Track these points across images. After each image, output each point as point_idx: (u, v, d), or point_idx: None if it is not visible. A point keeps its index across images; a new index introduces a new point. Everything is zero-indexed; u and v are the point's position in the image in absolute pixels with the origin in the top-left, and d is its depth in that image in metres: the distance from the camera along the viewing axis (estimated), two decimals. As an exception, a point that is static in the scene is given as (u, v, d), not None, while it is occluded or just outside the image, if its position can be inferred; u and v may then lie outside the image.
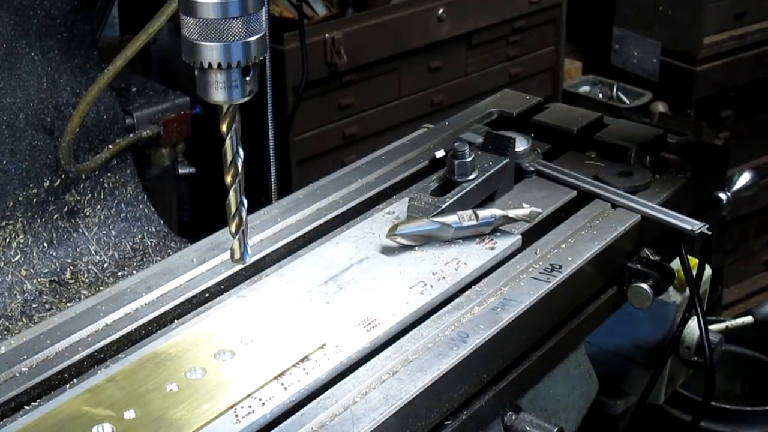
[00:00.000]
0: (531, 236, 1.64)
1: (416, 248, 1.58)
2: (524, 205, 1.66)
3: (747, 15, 4.06)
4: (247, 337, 1.38)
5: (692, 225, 1.67)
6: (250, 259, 1.36)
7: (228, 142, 1.25)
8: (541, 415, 1.53)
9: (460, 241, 1.60)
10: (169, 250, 2.17)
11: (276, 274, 1.55)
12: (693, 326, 1.85)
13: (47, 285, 2.01)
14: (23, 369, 1.35)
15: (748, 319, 2.32)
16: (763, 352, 3.01)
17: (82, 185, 2.12)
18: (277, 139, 2.39)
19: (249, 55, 1.18)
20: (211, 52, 1.17)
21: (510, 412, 1.49)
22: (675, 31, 4.04)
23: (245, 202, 1.29)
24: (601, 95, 4.24)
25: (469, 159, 1.68)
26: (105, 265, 2.09)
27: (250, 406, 1.26)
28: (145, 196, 2.23)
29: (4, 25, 1.96)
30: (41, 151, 2.04)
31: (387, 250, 1.58)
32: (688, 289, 1.77)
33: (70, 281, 2.04)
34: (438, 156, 1.86)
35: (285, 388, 1.29)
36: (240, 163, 1.26)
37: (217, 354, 1.35)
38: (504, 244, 1.59)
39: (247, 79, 1.20)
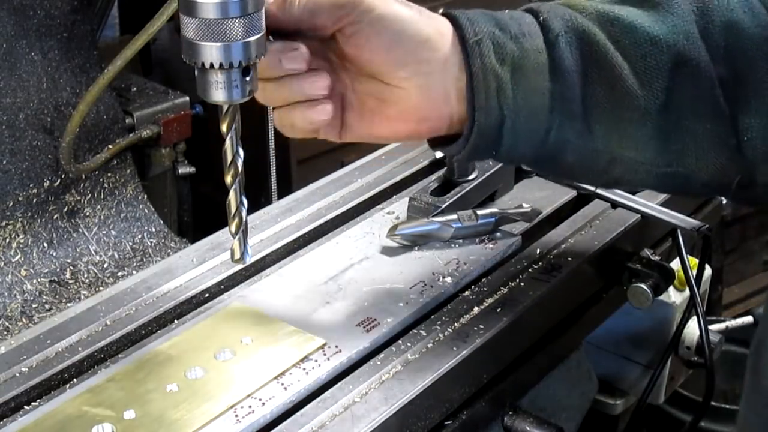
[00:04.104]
0: (531, 236, 1.64)
1: (416, 248, 1.58)
2: (524, 205, 1.66)
3: (747, 15, 4.06)
4: (247, 337, 1.38)
5: (692, 225, 1.67)
6: (250, 259, 1.36)
7: (228, 142, 1.25)
8: (541, 415, 1.53)
9: (460, 241, 1.60)
10: (169, 250, 2.17)
11: (276, 274, 1.55)
12: (693, 326, 1.85)
13: (47, 285, 2.01)
14: (23, 369, 1.35)
15: (748, 319, 2.32)
16: (763, 352, 3.01)
17: (82, 185, 2.12)
18: (277, 139, 2.39)
19: (249, 55, 1.18)
20: (211, 52, 1.17)
21: (510, 412, 1.49)
22: (675, 31, 4.04)
23: (245, 202, 1.29)
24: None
25: (469, 159, 1.68)
26: (105, 265, 2.09)
27: (250, 406, 1.26)
28: (145, 196, 2.23)
29: (4, 25, 1.96)
30: (41, 151, 2.04)
31: (387, 250, 1.58)
32: (688, 289, 1.77)
33: (70, 281, 2.04)
34: (438, 156, 1.86)
35: (285, 388, 1.29)
36: (240, 163, 1.26)
37: (217, 354, 1.35)
38: (504, 244, 1.59)
39: (247, 79, 1.20)
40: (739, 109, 1.27)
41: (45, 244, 2.05)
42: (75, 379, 1.35)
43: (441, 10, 1.30)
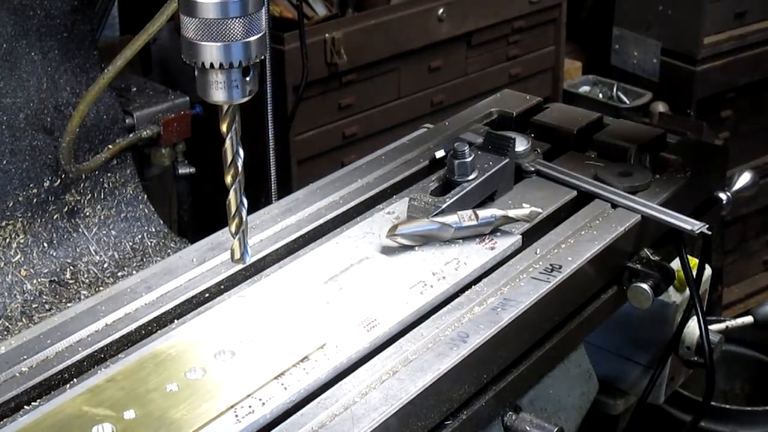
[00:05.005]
0: (531, 236, 1.64)
1: (416, 248, 1.58)
2: (524, 205, 1.66)
3: (747, 15, 4.07)
4: (247, 337, 1.38)
5: (692, 225, 1.67)
6: (250, 259, 1.36)
7: (228, 142, 1.25)
8: (541, 415, 1.53)
9: (460, 241, 1.60)
10: (169, 250, 2.17)
11: (276, 274, 1.55)
12: (693, 326, 1.85)
13: (47, 285, 2.01)
14: (23, 369, 1.35)
15: (748, 319, 2.32)
16: (763, 352, 3.01)
17: (82, 185, 2.12)
18: (277, 139, 2.39)
19: (249, 55, 1.18)
20: (211, 52, 1.17)
21: (510, 412, 1.49)
22: (675, 31, 4.04)
23: (245, 202, 1.29)
24: (601, 95, 4.24)
25: (469, 159, 1.69)
26: (105, 265, 2.09)
27: (250, 406, 1.26)
28: (145, 196, 2.23)
29: (4, 25, 1.97)
30: (41, 151, 2.04)
31: (387, 250, 1.58)
32: (688, 289, 1.77)
33: (70, 281, 2.04)
34: (438, 156, 1.86)
35: (285, 388, 1.29)
36: (240, 163, 1.26)
37: (217, 354, 1.35)
38: (504, 244, 1.59)
39: (247, 79, 1.20)
40: None
41: (45, 244, 2.05)
42: (75, 379, 1.36)
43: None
